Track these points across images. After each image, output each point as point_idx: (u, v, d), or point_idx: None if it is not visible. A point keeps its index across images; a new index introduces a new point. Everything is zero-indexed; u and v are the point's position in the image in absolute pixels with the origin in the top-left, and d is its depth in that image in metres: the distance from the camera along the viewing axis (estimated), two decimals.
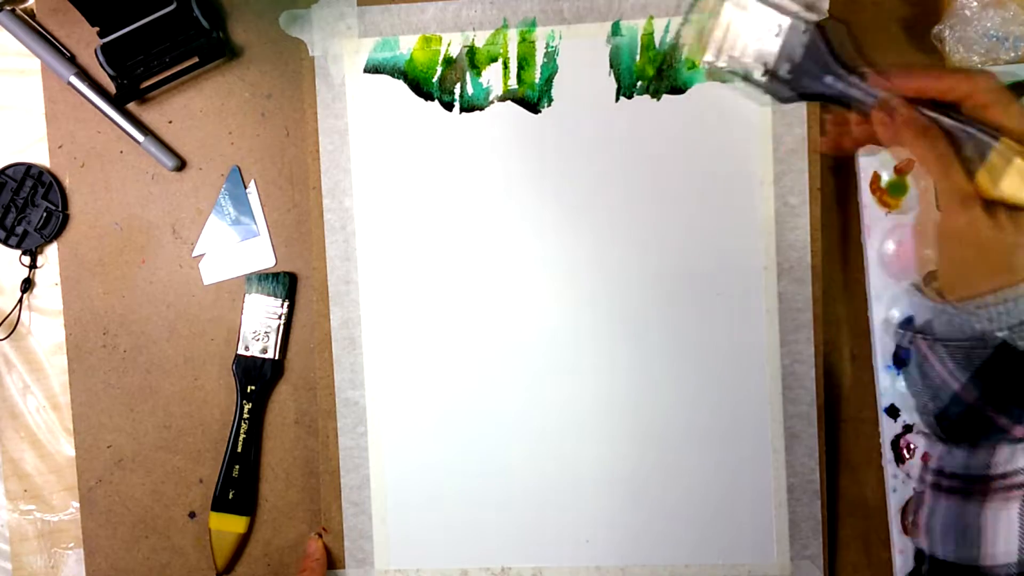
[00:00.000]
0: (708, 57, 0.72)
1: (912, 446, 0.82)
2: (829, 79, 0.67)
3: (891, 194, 0.83)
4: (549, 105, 0.83)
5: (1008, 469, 0.61)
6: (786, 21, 0.68)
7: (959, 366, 0.63)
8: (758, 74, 0.70)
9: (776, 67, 0.69)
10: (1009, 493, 0.61)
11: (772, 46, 0.69)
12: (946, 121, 0.63)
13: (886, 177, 0.83)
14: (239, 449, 0.87)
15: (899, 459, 0.83)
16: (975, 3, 0.80)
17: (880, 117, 0.65)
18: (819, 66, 0.68)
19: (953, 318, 0.63)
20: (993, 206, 0.61)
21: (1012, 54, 0.81)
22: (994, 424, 0.62)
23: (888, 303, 0.82)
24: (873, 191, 0.83)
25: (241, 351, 0.87)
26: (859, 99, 0.67)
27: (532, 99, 0.83)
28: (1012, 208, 0.61)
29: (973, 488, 0.63)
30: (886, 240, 0.83)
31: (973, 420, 0.63)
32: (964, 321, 0.62)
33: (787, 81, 0.69)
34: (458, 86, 0.83)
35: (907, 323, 0.69)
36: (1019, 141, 0.61)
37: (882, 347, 0.83)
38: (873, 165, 0.82)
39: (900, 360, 0.83)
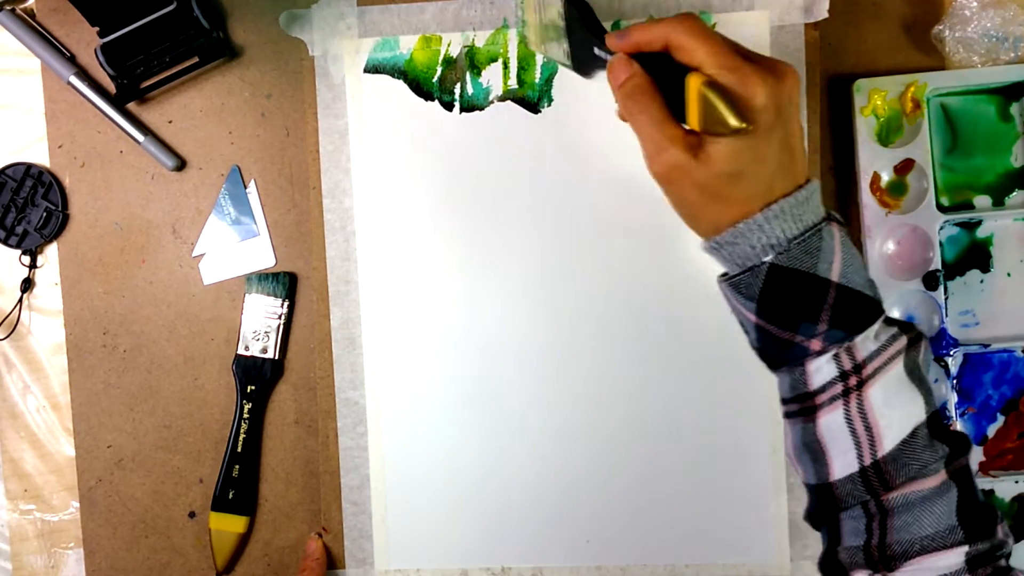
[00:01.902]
0: (538, 50, 0.76)
1: None
2: (597, 49, 0.68)
3: (891, 194, 0.83)
4: (549, 105, 0.83)
5: (822, 383, 0.62)
6: (559, 3, 0.70)
7: (746, 298, 0.63)
8: (563, 58, 0.73)
9: (570, 48, 0.71)
10: (831, 405, 0.61)
11: (560, 29, 0.71)
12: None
13: (886, 177, 0.83)
14: (239, 449, 0.87)
15: None
16: (975, 3, 0.81)
17: (609, 80, 0.66)
18: (588, 38, 0.68)
19: (722, 254, 0.64)
20: (700, 145, 0.60)
21: (1012, 54, 0.81)
22: (793, 344, 0.62)
23: (888, 303, 0.82)
24: (873, 191, 0.83)
25: (241, 351, 0.87)
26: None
27: (532, 99, 0.83)
28: (716, 136, 0.60)
29: (804, 408, 0.63)
30: (886, 240, 0.83)
31: (776, 345, 0.64)
32: (732, 255, 0.63)
33: (578, 57, 0.71)
34: (458, 86, 0.83)
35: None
36: (718, 72, 0.60)
37: None
38: (873, 165, 0.83)
39: None
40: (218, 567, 0.88)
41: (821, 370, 0.62)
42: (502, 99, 0.83)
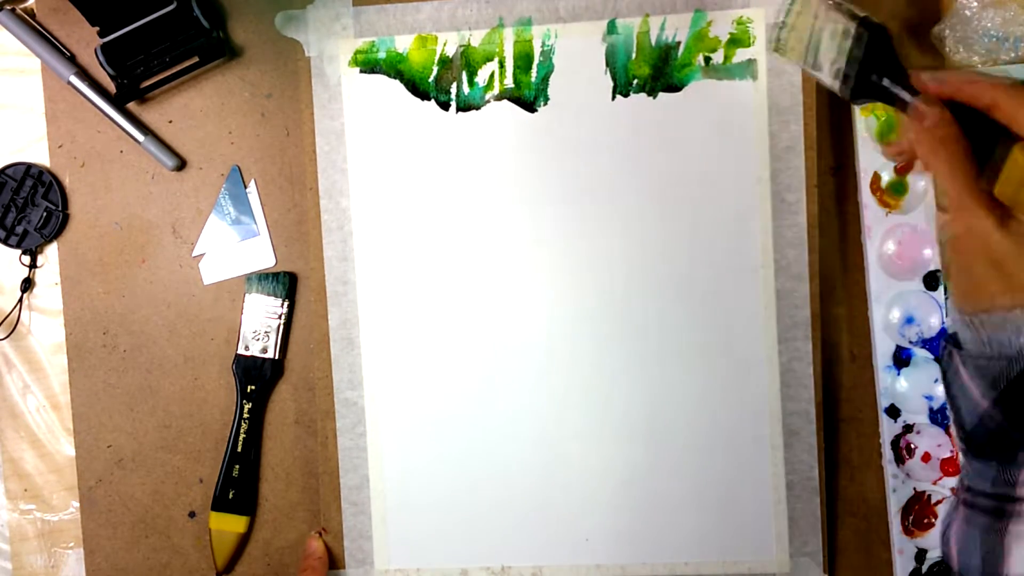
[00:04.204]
0: (791, 58, 0.71)
1: (912, 446, 0.82)
2: (887, 81, 0.65)
3: (891, 194, 0.83)
4: (545, 104, 0.83)
5: None
6: (851, 25, 0.66)
7: (986, 383, 0.60)
8: (829, 77, 0.69)
9: (846, 70, 0.67)
10: None
11: (841, 49, 0.67)
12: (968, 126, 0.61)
13: (886, 177, 0.83)
14: (239, 449, 0.87)
15: (899, 459, 0.83)
16: (975, 3, 0.80)
17: (911, 123, 0.63)
18: (875, 66, 0.66)
19: (979, 334, 0.61)
20: (1010, 218, 0.59)
21: (1012, 54, 0.81)
22: (1021, 444, 0.60)
23: (888, 303, 0.82)
24: (873, 191, 0.83)
25: (241, 351, 0.87)
26: (906, 101, 0.65)
27: (528, 98, 0.83)
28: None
29: (997, 507, 0.61)
30: (886, 240, 0.83)
31: (1000, 439, 0.61)
32: (991, 337, 0.60)
33: (853, 81, 0.67)
34: (454, 85, 0.83)
35: (947, 336, 0.66)
36: None
37: (882, 347, 0.83)
38: (873, 165, 0.82)
39: (900, 360, 0.83)
40: (218, 567, 0.88)
41: None
42: (498, 98, 0.83)
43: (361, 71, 0.84)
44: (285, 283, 0.87)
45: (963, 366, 0.62)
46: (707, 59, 0.81)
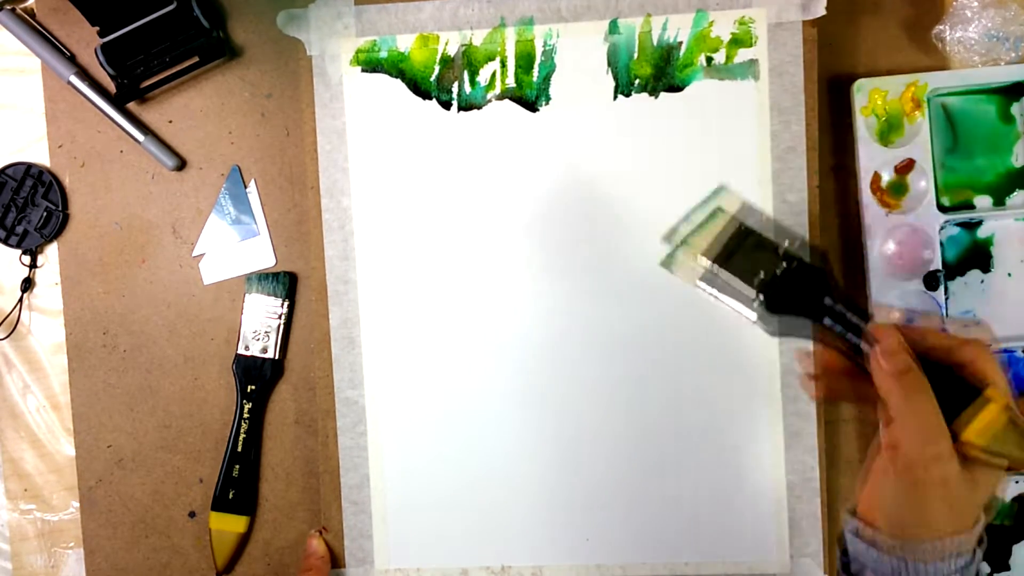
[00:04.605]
0: (704, 268, 0.68)
1: None
2: (827, 320, 0.64)
3: (891, 194, 0.83)
4: (547, 104, 0.83)
5: None
6: (784, 257, 0.66)
7: None
8: (746, 302, 0.66)
9: (769, 297, 0.65)
10: None
11: (768, 274, 0.66)
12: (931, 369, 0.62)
13: (886, 177, 0.83)
14: (239, 449, 0.87)
15: None
16: (975, 3, 0.80)
17: (873, 365, 0.63)
18: (814, 303, 0.64)
19: (904, 553, 0.61)
20: (969, 460, 0.60)
21: (1012, 54, 0.81)
22: None
23: (889, 303, 0.82)
24: (873, 191, 0.83)
25: (241, 351, 0.87)
26: (853, 342, 0.64)
27: (530, 98, 0.83)
28: (988, 457, 0.60)
29: None
30: (886, 240, 0.83)
31: None
32: (914, 557, 0.61)
33: (780, 311, 0.66)
34: (456, 85, 0.83)
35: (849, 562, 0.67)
36: (1005, 393, 0.60)
37: None
38: (873, 165, 0.82)
39: None
40: (218, 567, 0.88)
41: None
42: (500, 98, 0.83)
43: (363, 70, 0.84)
44: (285, 283, 0.87)
45: None
46: (709, 59, 0.81)
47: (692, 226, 0.69)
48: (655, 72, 0.81)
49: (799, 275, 0.65)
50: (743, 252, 0.66)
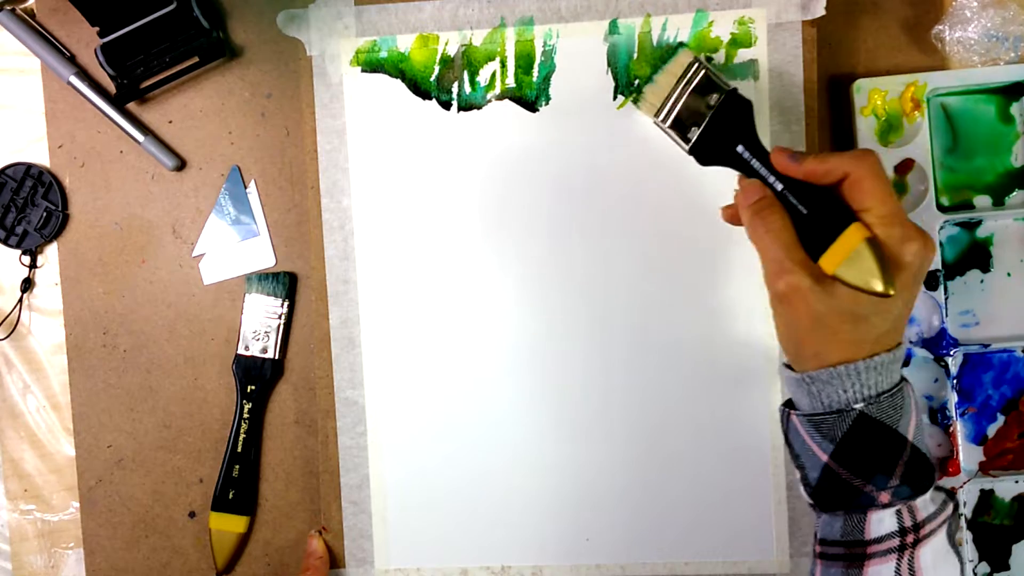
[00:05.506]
0: (659, 116, 0.77)
1: None
2: (741, 149, 0.72)
3: None
4: (547, 104, 0.83)
5: (880, 534, 0.63)
6: (719, 95, 0.74)
7: (824, 438, 0.64)
8: (680, 134, 0.76)
9: (701, 134, 0.75)
10: (884, 557, 0.63)
11: (704, 114, 0.75)
12: (791, 199, 0.67)
13: None
14: (239, 449, 0.87)
15: None
16: (975, 3, 0.80)
17: (738, 197, 0.70)
18: (733, 136, 0.73)
19: (811, 390, 0.65)
20: (830, 280, 0.63)
21: (1012, 54, 0.81)
22: (861, 492, 0.64)
23: None
24: None
25: (241, 351, 0.87)
26: (760, 174, 0.71)
27: (530, 98, 0.83)
28: (851, 288, 0.62)
29: (852, 554, 0.64)
30: None
31: (842, 490, 0.64)
32: (820, 392, 0.64)
33: (704, 146, 0.75)
34: (456, 85, 0.83)
35: (784, 402, 0.70)
36: (882, 219, 0.63)
37: None
38: None
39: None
40: (218, 567, 0.88)
41: (883, 522, 0.63)
42: (500, 98, 0.83)
43: (363, 70, 0.84)
44: (285, 283, 0.87)
45: (801, 425, 0.66)
46: (709, 59, 0.81)
47: (658, 65, 0.79)
48: (655, 72, 0.81)
49: (725, 114, 0.74)
50: (695, 91, 0.75)
